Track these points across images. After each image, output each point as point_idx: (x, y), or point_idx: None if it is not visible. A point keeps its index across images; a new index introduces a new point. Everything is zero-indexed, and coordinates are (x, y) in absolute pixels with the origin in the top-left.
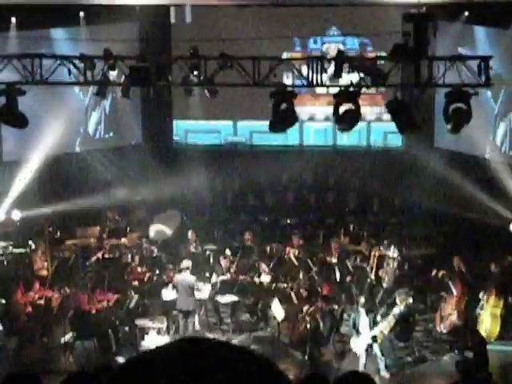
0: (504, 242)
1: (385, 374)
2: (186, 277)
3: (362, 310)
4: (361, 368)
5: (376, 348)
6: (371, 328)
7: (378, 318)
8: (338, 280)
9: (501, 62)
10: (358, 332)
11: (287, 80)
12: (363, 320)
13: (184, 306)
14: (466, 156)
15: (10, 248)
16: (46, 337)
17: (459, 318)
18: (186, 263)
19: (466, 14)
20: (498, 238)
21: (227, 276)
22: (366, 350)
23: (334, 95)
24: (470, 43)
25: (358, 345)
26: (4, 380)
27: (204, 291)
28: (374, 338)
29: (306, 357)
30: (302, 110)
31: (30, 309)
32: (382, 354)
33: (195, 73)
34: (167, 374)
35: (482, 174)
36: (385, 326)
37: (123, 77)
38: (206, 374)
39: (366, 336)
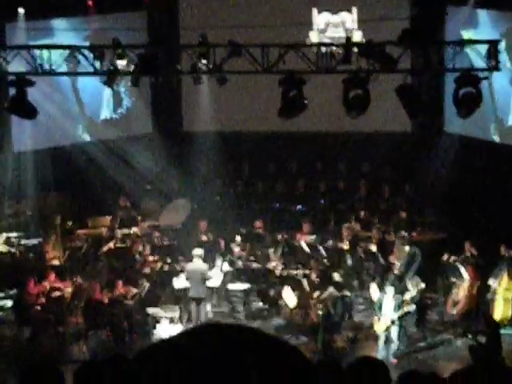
0: None
1: (392, 359)
2: (197, 265)
3: (390, 293)
4: (381, 352)
5: (394, 331)
6: (395, 311)
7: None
8: (349, 266)
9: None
10: (381, 313)
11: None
12: (388, 302)
13: (196, 294)
14: (475, 140)
15: (23, 239)
16: (60, 327)
17: (471, 302)
18: (198, 251)
19: None
20: (509, 221)
21: (239, 264)
22: (385, 332)
23: (343, 81)
24: (474, 26)
25: (381, 326)
26: (22, 373)
27: (216, 279)
28: (394, 322)
29: (319, 344)
30: None
31: (42, 299)
32: (397, 339)
33: (204, 61)
34: (188, 358)
35: (491, 157)
36: (401, 311)
37: (132, 66)
38: (230, 357)
39: (388, 318)
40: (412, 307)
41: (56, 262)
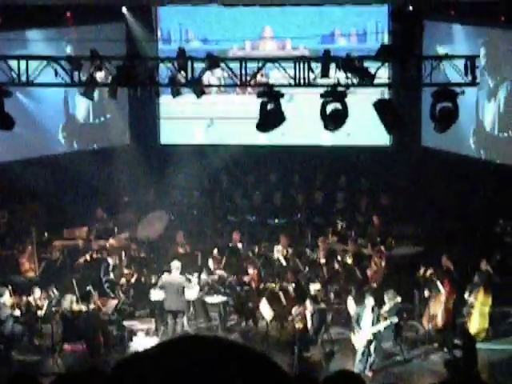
0: (492, 240)
1: (368, 372)
2: (174, 277)
3: (369, 306)
4: (357, 365)
5: (373, 346)
6: (373, 324)
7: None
8: (326, 279)
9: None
10: (360, 327)
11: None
12: (368, 315)
13: (173, 306)
14: (452, 155)
15: None
16: (35, 339)
17: (448, 316)
18: (175, 264)
19: (452, 12)
20: (486, 236)
21: (215, 276)
22: (364, 347)
23: (321, 95)
24: (449, 42)
25: (359, 340)
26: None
27: (192, 292)
28: (375, 335)
29: (295, 357)
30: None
31: (17, 311)
32: (374, 353)
33: (182, 73)
34: (161, 373)
35: (468, 172)
36: (382, 323)
37: (110, 77)
38: (207, 370)
39: (367, 332)
40: (394, 319)
41: (31, 274)
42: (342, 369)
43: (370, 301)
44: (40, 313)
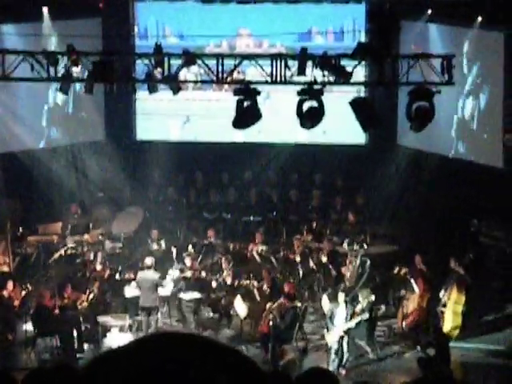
0: (465, 239)
1: (341, 370)
2: (149, 274)
3: (342, 303)
4: (331, 364)
5: (345, 343)
6: (347, 321)
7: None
8: (300, 277)
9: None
10: (333, 324)
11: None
12: (341, 312)
13: (147, 303)
14: (428, 154)
15: None
16: (8, 333)
17: (421, 315)
18: (149, 260)
19: (429, 12)
20: (459, 235)
21: (190, 273)
22: (337, 344)
23: (298, 92)
24: (423, 42)
25: (332, 337)
26: None
27: (166, 288)
28: (347, 332)
29: (269, 354)
30: None
31: None
32: (347, 350)
33: (159, 69)
34: (136, 370)
35: (444, 171)
36: (354, 320)
37: (86, 73)
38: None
39: (339, 329)
40: (365, 315)
41: (5, 269)
42: (316, 366)
43: (341, 297)
44: (14, 307)
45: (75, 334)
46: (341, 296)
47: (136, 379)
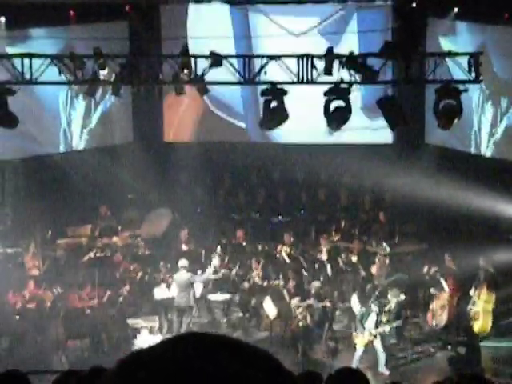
0: (493, 237)
1: (384, 370)
2: (183, 275)
3: (373, 312)
4: (355, 364)
5: (378, 344)
6: (377, 325)
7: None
8: (329, 277)
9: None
10: (363, 327)
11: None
12: (372, 316)
13: (182, 302)
14: (456, 152)
15: (2, 248)
16: (38, 336)
17: (451, 314)
18: (183, 262)
19: (456, 10)
20: (488, 233)
21: (219, 274)
22: (365, 346)
23: (325, 93)
24: (453, 38)
25: (360, 339)
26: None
27: (196, 290)
28: (376, 336)
29: (299, 354)
30: None
31: (21, 308)
32: (383, 351)
33: (185, 71)
34: (165, 371)
35: (472, 169)
36: (383, 327)
37: (113, 75)
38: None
39: (369, 332)
40: (398, 322)
41: (35, 272)
42: (346, 366)
43: (375, 308)
44: (44, 310)
45: (105, 336)
46: (373, 306)
47: (165, 379)
